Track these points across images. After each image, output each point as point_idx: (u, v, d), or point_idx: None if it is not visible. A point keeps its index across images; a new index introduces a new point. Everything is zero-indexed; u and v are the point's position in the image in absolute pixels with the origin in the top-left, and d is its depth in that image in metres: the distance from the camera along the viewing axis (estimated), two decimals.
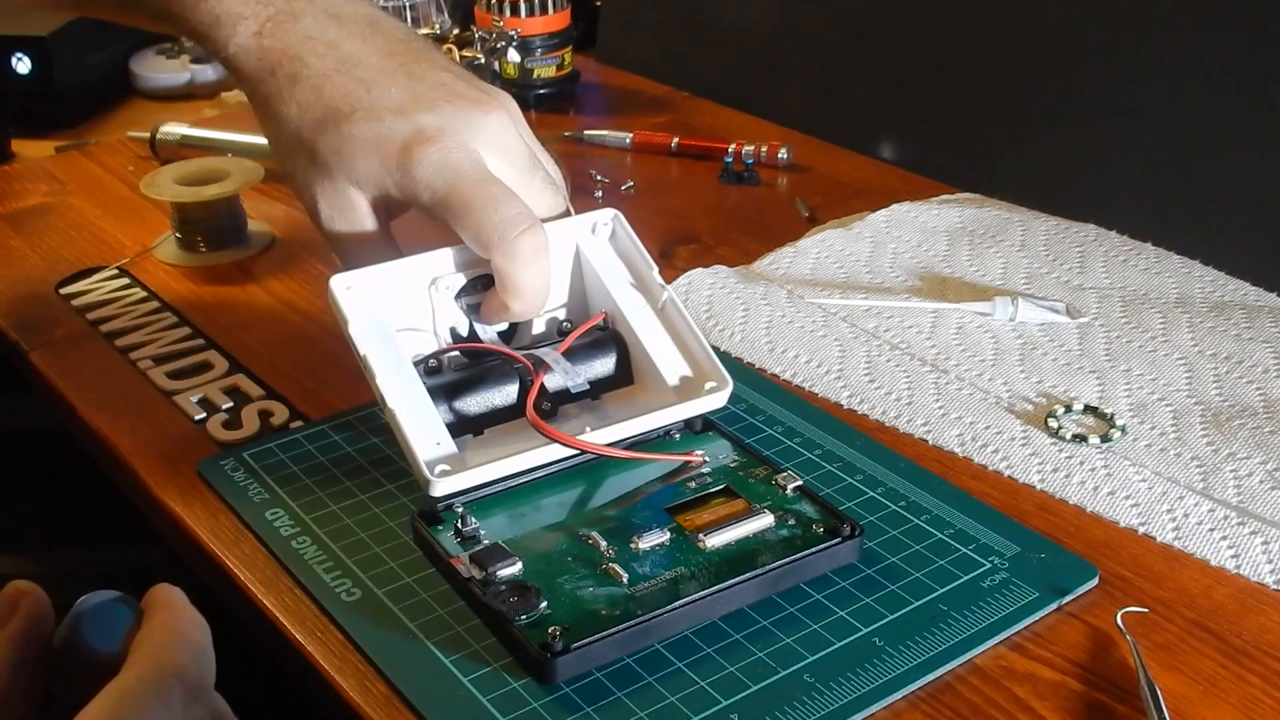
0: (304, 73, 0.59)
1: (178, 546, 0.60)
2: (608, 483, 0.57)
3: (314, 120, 0.59)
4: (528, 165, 0.60)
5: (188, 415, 0.66)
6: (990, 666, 0.49)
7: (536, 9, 1.05)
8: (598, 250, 0.62)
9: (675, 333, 0.61)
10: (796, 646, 0.49)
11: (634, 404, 0.60)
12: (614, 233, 0.62)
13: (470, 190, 0.56)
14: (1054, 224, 0.83)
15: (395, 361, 0.56)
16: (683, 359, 0.60)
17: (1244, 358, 0.68)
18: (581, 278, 0.62)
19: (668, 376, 0.60)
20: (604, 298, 0.61)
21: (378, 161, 0.58)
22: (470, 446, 0.57)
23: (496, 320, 0.60)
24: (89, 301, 0.77)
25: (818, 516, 0.54)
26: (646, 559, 0.52)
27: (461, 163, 0.57)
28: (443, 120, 0.58)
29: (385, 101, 0.58)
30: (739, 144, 0.94)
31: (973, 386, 0.66)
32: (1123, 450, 0.61)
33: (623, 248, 0.62)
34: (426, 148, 0.57)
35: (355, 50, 0.60)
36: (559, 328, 0.62)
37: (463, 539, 0.53)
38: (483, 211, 0.56)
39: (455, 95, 0.59)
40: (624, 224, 0.62)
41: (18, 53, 1.07)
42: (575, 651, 0.47)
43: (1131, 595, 0.53)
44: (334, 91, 0.59)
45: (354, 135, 0.58)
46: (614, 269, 0.62)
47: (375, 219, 0.59)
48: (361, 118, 0.58)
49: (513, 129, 0.60)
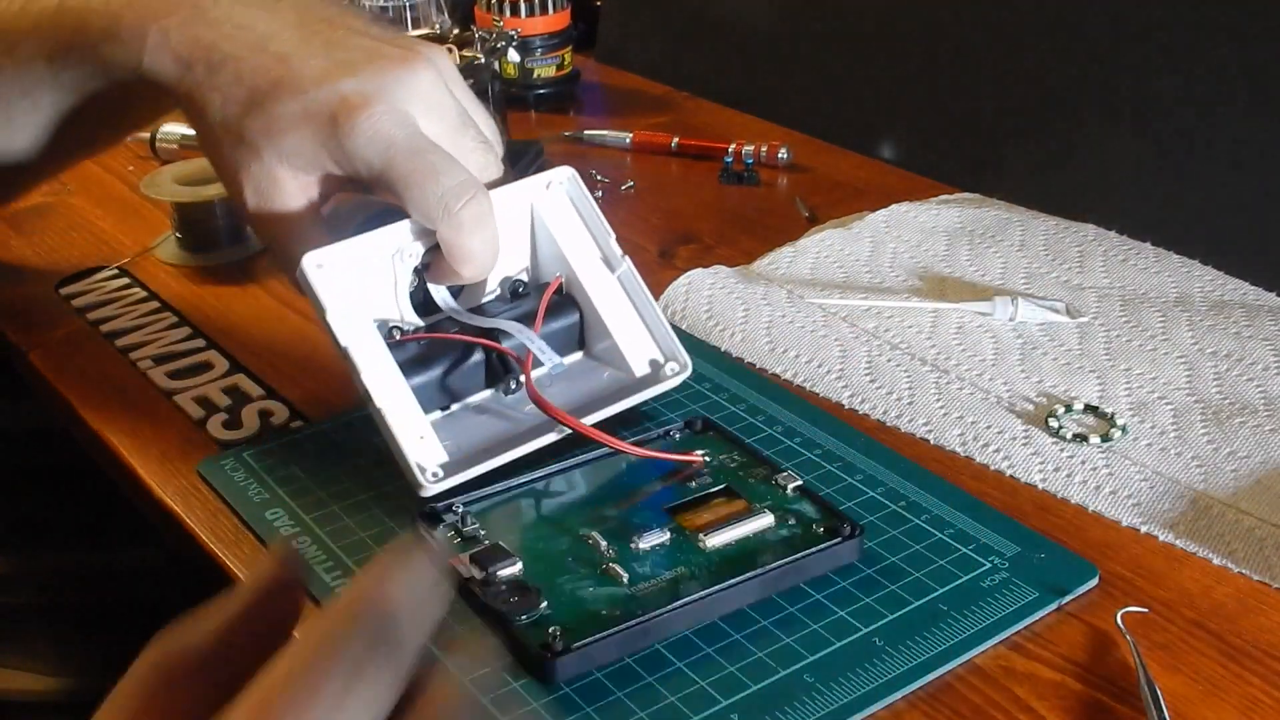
0: (219, 59, 0.58)
1: (178, 546, 0.60)
2: (607, 483, 0.57)
3: (238, 104, 0.57)
4: (458, 124, 0.58)
5: (188, 415, 0.66)
6: (990, 666, 0.49)
7: (536, 9, 1.05)
8: (553, 211, 0.62)
9: (633, 304, 0.61)
10: (796, 646, 0.49)
11: (594, 381, 0.61)
12: (570, 193, 0.62)
13: (407, 163, 0.55)
14: (1053, 224, 0.83)
15: (376, 352, 0.55)
16: (642, 332, 0.61)
17: (1244, 355, 0.68)
18: (534, 237, 0.62)
19: (628, 353, 0.60)
20: (558, 261, 0.61)
21: (309, 134, 0.56)
22: (451, 434, 0.56)
23: (446, 282, 0.59)
24: (89, 301, 0.77)
25: (818, 516, 0.54)
26: (647, 559, 0.52)
27: (394, 132, 0.55)
28: (367, 84, 0.56)
29: (307, 72, 0.56)
30: (739, 144, 0.94)
31: (973, 386, 0.66)
32: (1123, 449, 0.61)
33: (581, 210, 0.62)
34: (355, 117, 0.55)
35: (269, 27, 0.58)
36: (512, 287, 0.61)
37: (462, 539, 0.53)
38: (422, 184, 0.55)
39: (378, 56, 0.57)
40: (580, 185, 0.62)
41: None
42: (576, 651, 0.47)
43: (1132, 595, 0.53)
44: (253, 72, 0.57)
45: (279, 113, 0.56)
46: (570, 232, 0.62)
47: (304, 199, 0.58)
48: (285, 93, 0.56)
49: (442, 85, 0.58)
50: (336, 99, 0.56)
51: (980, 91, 0.96)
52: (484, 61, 0.96)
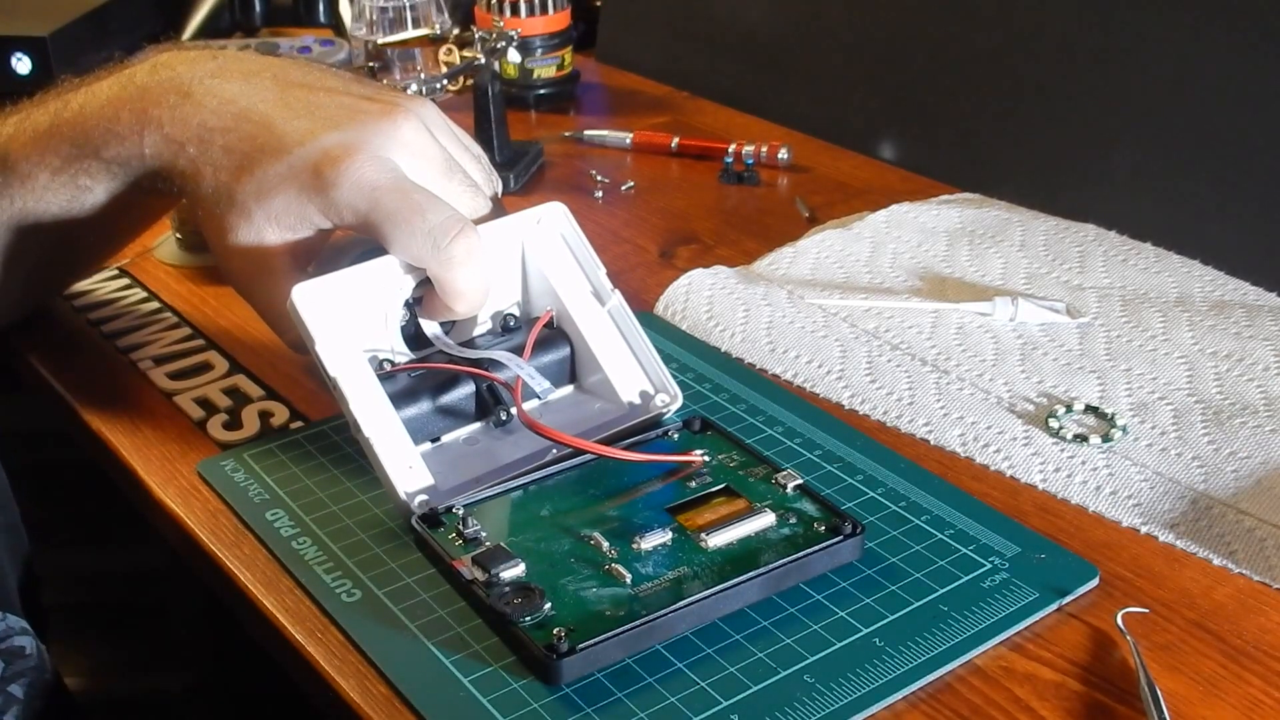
0: (208, 134, 0.60)
1: (178, 546, 0.60)
2: (608, 483, 0.57)
3: (228, 172, 0.59)
4: (443, 169, 0.60)
5: (188, 415, 0.66)
6: (990, 666, 0.49)
7: (536, 9, 1.05)
8: (543, 246, 0.62)
9: (623, 336, 0.62)
10: (797, 647, 0.49)
11: (584, 411, 0.61)
12: (561, 230, 0.62)
13: (392, 203, 0.56)
14: (1054, 224, 0.83)
15: (364, 382, 0.56)
16: (633, 364, 0.61)
17: (1244, 355, 0.68)
18: (525, 271, 0.62)
19: (619, 385, 0.61)
20: (549, 296, 0.62)
21: (295, 192, 0.57)
22: (437, 462, 0.57)
23: (438, 318, 0.60)
24: (89, 301, 0.77)
25: (819, 515, 0.54)
26: (649, 559, 0.52)
27: (378, 177, 0.57)
28: (348, 136, 0.58)
29: (290, 133, 0.58)
30: (739, 144, 0.94)
31: (973, 386, 0.66)
32: (1124, 450, 0.61)
33: (572, 245, 0.62)
34: (338, 166, 0.56)
35: (250, 98, 0.60)
36: (503, 321, 0.62)
37: (464, 541, 0.53)
38: (409, 223, 0.56)
39: (359, 112, 0.59)
40: (571, 221, 0.62)
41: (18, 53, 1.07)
42: (580, 652, 0.47)
43: (1132, 595, 0.53)
44: (240, 142, 0.59)
45: (267, 175, 0.58)
46: (560, 267, 0.62)
47: (289, 259, 0.59)
48: (270, 156, 0.58)
49: (425, 133, 0.60)
50: (319, 152, 0.57)
51: (980, 91, 0.96)
52: (484, 62, 0.96)
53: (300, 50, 1.19)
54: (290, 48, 1.20)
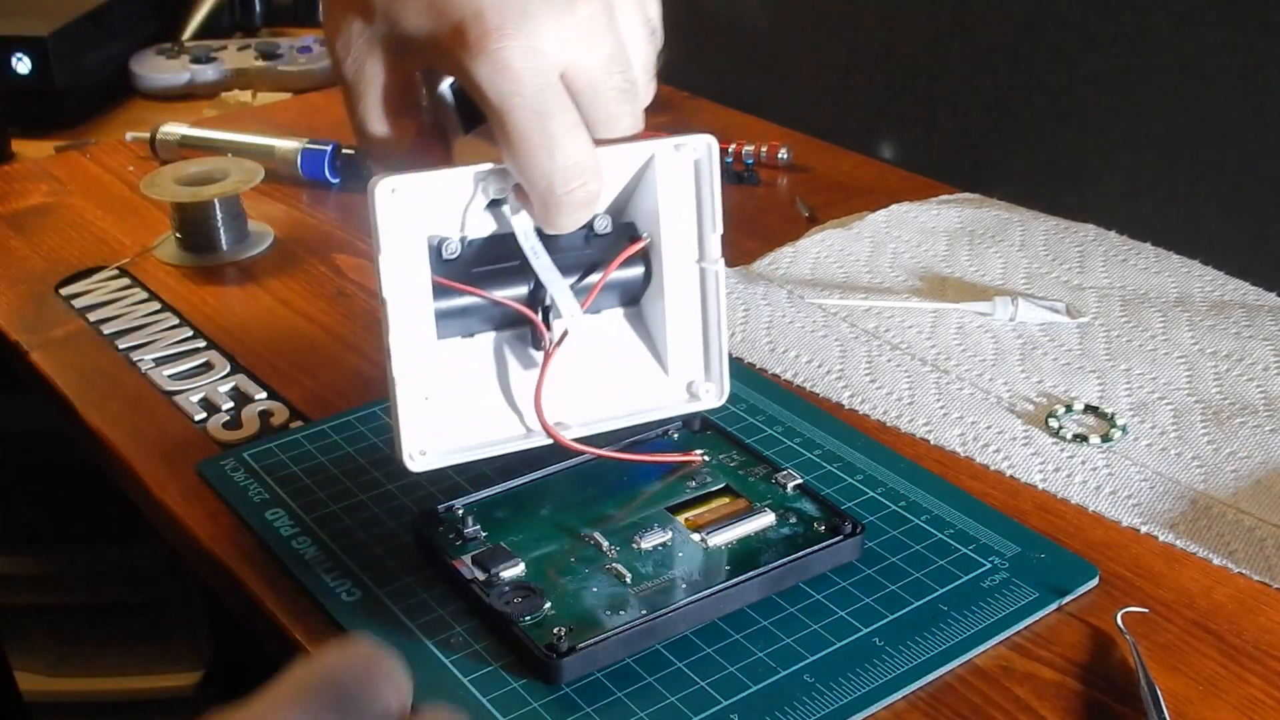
0: None
1: (178, 546, 0.60)
2: (608, 482, 0.57)
3: None
4: (604, 65, 0.50)
5: (188, 415, 0.66)
6: (990, 666, 0.49)
7: None
8: (672, 173, 0.55)
9: (703, 307, 0.56)
10: (797, 647, 0.49)
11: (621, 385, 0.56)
12: (698, 163, 0.55)
13: (525, 121, 0.48)
14: (1053, 224, 0.83)
15: (414, 311, 0.51)
16: (696, 338, 0.56)
17: (1244, 355, 0.68)
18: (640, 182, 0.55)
19: (672, 351, 0.56)
20: (651, 220, 0.55)
21: (429, 26, 0.49)
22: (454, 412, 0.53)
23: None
24: (89, 302, 0.77)
25: (819, 514, 0.54)
26: (649, 558, 0.52)
27: (523, 74, 0.48)
28: (509, 8, 0.48)
29: None
30: (739, 144, 0.94)
31: (973, 386, 0.66)
32: (1123, 450, 0.61)
33: (702, 187, 0.55)
34: (484, 41, 0.48)
35: None
36: (590, 226, 0.54)
37: (463, 541, 0.53)
38: (534, 154, 0.49)
39: None
40: (714, 158, 0.55)
41: (18, 53, 1.07)
42: (581, 652, 0.47)
43: (1132, 595, 0.53)
44: None
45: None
46: (678, 202, 0.55)
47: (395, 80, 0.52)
48: None
49: (604, 24, 0.50)
50: (472, 10, 0.48)
51: (980, 91, 0.96)
52: None
53: (300, 50, 1.19)
54: (290, 48, 1.20)
